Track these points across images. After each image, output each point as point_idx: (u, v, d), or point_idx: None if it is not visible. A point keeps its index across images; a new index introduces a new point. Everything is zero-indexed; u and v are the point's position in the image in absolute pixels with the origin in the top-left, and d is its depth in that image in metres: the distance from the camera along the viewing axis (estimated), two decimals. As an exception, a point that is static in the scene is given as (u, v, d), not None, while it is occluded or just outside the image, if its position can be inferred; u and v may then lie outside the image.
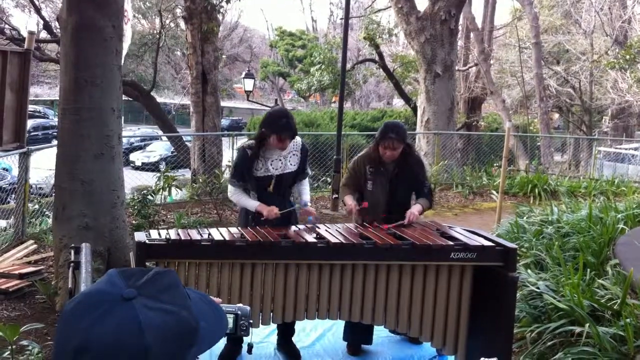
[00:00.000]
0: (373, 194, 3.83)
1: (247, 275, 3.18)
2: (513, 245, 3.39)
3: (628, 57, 14.08)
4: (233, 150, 9.32)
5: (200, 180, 8.48)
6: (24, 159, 6.37)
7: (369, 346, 3.98)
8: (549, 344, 3.59)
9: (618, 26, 17.58)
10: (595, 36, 18.28)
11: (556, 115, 25.86)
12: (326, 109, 25.57)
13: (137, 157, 20.86)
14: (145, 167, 15.17)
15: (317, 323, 4.12)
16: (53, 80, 28.48)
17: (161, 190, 7.61)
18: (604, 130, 20.77)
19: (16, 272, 5.04)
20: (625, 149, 14.77)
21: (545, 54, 19.15)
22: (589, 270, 4.28)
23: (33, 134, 21.45)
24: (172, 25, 19.81)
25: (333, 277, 3.24)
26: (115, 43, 4.66)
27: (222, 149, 10.71)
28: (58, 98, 4.91)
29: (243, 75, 20.19)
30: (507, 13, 28.79)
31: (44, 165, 9.18)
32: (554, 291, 3.96)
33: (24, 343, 3.54)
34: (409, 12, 11.18)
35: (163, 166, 12.76)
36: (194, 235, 3.22)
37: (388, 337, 4.13)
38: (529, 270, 4.45)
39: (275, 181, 3.68)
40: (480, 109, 19.84)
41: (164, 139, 19.17)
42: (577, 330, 3.46)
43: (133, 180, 9.82)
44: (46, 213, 6.92)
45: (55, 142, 5.20)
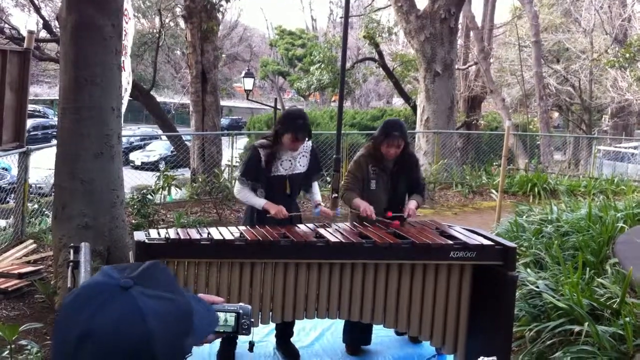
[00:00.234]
0: (376, 192, 3.83)
1: (247, 274, 3.18)
2: (512, 244, 3.39)
3: (628, 56, 14.06)
4: (233, 150, 9.32)
5: (200, 179, 8.48)
6: (24, 158, 6.36)
7: (368, 345, 3.98)
8: (548, 342, 3.60)
9: (618, 24, 17.55)
10: (595, 35, 18.26)
11: (556, 114, 25.86)
12: (326, 108, 25.61)
13: (137, 157, 20.88)
14: (145, 167, 15.17)
15: (316, 322, 4.12)
16: (53, 80, 28.49)
17: (161, 189, 7.61)
18: (604, 129, 20.78)
19: (15, 272, 5.04)
20: (625, 148, 14.79)
21: (545, 52, 19.15)
22: (588, 269, 4.28)
23: (33, 133, 21.44)
24: (172, 24, 19.81)
25: (332, 276, 3.24)
26: (114, 42, 4.66)
27: (222, 148, 10.72)
28: (58, 97, 4.91)
29: (243, 75, 20.14)
30: (507, 11, 28.84)
31: (43, 164, 9.17)
32: (553, 290, 3.96)
33: (23, 342, 3.54)
34: (409, 11, 11.16)
35: (163, 165, 12.77)
36: (194, 234, 3.22)
37: (387, 336, 4.13)
38: (529, 269, 4.45)
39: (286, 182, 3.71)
40: (480, 107, 19.85)
41: (164, 138, 19.19)
42: (577, 329, 3.46)
43: (133, 179, 9.83)
44: (46, 212, 6.92)
45: (54, 142, 5.19)
